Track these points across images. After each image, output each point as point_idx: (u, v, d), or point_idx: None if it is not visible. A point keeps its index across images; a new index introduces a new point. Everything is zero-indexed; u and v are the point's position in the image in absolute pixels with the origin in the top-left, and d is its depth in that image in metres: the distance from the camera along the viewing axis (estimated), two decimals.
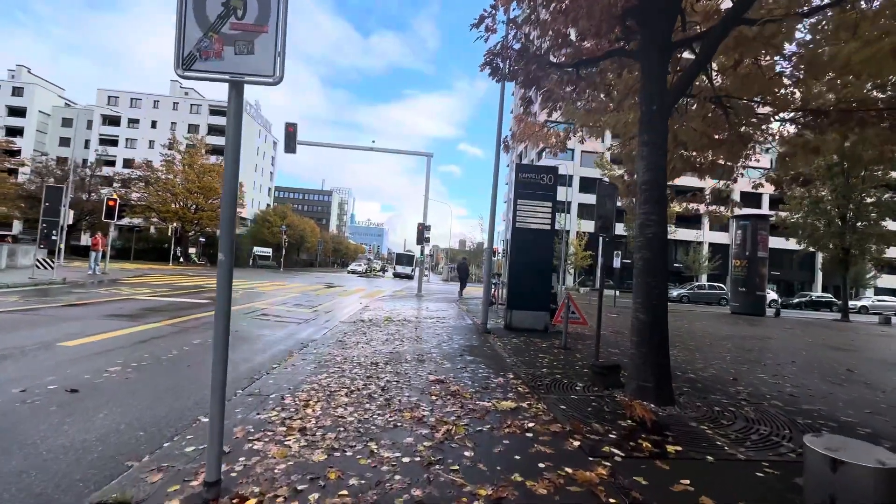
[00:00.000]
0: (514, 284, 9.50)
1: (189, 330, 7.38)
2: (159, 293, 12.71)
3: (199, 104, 59.68)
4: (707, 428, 3.81)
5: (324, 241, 61.91)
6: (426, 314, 11.61)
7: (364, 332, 7.94)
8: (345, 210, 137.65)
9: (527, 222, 9.54)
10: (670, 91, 4.85)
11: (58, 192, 14.14)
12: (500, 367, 5.73)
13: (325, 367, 5.27)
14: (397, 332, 8.23)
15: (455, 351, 6.72)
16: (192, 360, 5.47)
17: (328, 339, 7.12)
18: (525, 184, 9.58)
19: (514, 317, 9.48)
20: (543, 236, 9.56)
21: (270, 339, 7.26)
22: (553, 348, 7.44)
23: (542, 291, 9.53)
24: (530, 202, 9.56)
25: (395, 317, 10.53)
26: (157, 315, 8.62)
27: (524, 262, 9.48)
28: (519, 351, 7.00)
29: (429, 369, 5.43)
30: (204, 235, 44.52)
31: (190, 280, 18.98)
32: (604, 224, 6.09)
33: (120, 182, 43.83)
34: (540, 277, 9.51)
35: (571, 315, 9.44)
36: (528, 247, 9.50)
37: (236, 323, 8.41)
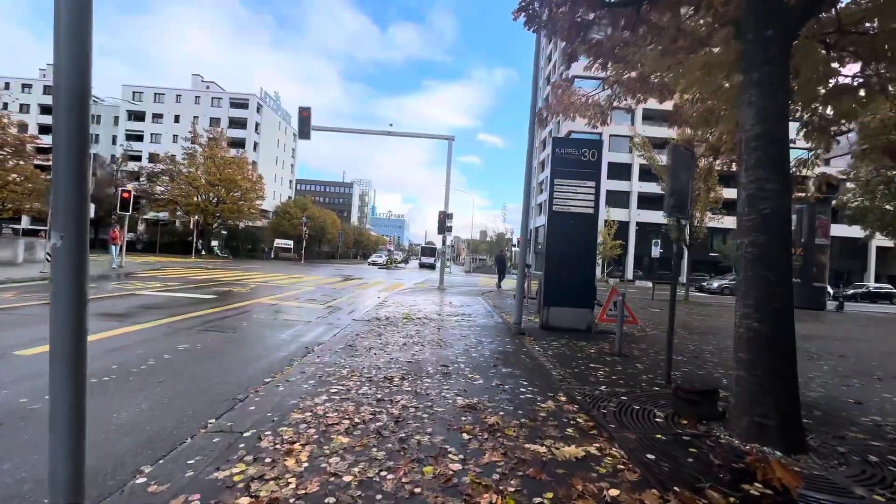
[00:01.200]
0: (552, 277, 8.22)
1: (180, 332, 6.46)
2: (167, 288, 12.01)
3: (220, 97, 59.89)
4: (883, 498, 2.51)
5: (344, 233, 61.57)
6: (449, 310, 10.46)
7: (379, 334, 6.85)
8: (366, 202, 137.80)
9: (566, 205, 8.22)
10: (792, 7, 3.46)
11: None
12: (545, 384, 4.53)
13: (325, 383, 4.19)
14: (417, 333, 7.11)
15: (487, 359, 5.54)
16: (168, 373, 4.48)
17: (336, 344, 6.06)
18: (563, 160, 8.24)
19: (552, 315, 8.22)
20: (585, 221, 8.22)
21: (271, 342, 6.26)
22: (604, 355, 6.16)
23: (585, 285, 8.21)
24: (570, 182, 8.22)
25: (415, 314, 9.42)
26: (153, 313, 7.77)
27: (563, 251, 8.19)
28: (564, 359, 5.76)
29: (456, 387, 4.28)
30: (226, 228, 44.68)
31: (206, 273, 18.44)
32: (678, 201, 4.74)
33: (146, 176, 44.42)
34: (581, 269, 8.20)
35: (618, 313, 8.13)
36: (568, 234, 8.19)
37: (235, 323, 7.48)
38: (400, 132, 18.89)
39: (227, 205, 41.92)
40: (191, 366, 4.80)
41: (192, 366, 4.81)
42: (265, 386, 4.16)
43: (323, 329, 7.52)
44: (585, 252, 8.24)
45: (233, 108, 59.52)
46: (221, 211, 41.82)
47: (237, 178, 42.40)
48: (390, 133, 18.26)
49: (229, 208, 42.02)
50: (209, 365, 4.90)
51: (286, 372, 4.65)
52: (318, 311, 9.71)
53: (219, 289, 12.53)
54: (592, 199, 8.23)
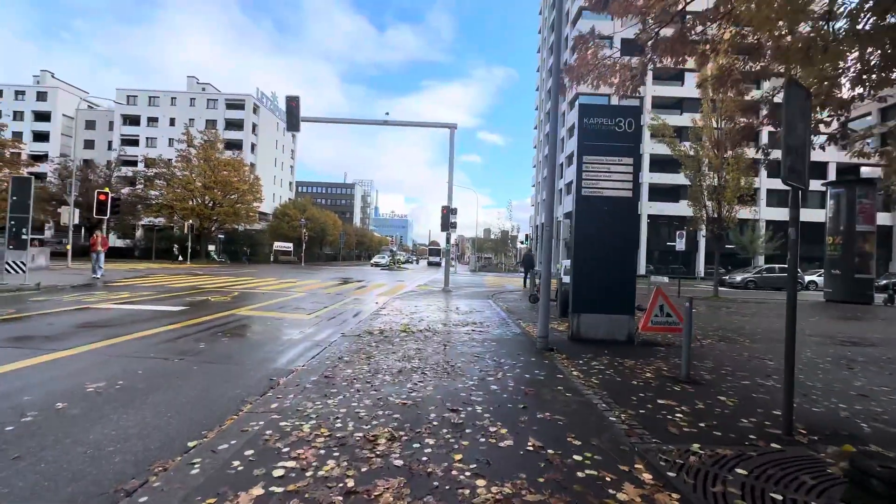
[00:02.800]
0: (582, 277, 6.68)
1: (109, 361, 4.98)
2: (136, 298, 10.57)
3: (216, 99, 58.66)
4: None
5: (346, 234, 60.18)
6: (457, 318, 8.94)
7: (369, 356, 5.34)
8: (368, 203, 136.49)
9: (598, 188, 6.67)
10: None
11: (26, 183, 12.23)
12: (607, 442, 3.00)
13: (271, 455, 2.69)
14: (417, 353, 5.59)
15: (511, 395, 4.01)
16: (41, 440, 2.99)
17: (310, 374, 4.55)
18: (593, 133, 6.69)
19: (584, 323, 6.67)
20: (623, 207, 6.67)
21: (223, 374, 4.76)
22: (666, 380, 4.61)
23: (623, 286, 6.66)
24: (602, 159, 6.67)
25: (416, 324, 7.91)
26: (91, 334, 6.30)
27: (596, 245, 6.65)
28: (616, 390, 4.22)
29: (474, 456, 2.75)
30: (224, 232, 43.38)
31: (191, 280, 17.03)
32: (796, 162, 3.19)
33: (143, 181, 43.17)
34: (619, 266, 6.65)
35: (667, 319, 6.62)
36: (601, 224, 6.64)
37: (189, 346, 5.99)
38: (397, 121, 17.38)
39: (223, 208, 40.62)
40: (82, 425, 3.30)
41: (85, 425, 3.31)
42: (176, 462, 2.66)
43: (300, 350, 6.02)
44: (623, 245, 6.69)
45: (229, 110, 58.25)
46: (218, 214, 40.52)
47: (233, 181, 41.10)
48: (387, 122, 16.75)
49: (225, 211, 40.72)
50: (114, 420, 3.41)
51: (221, 430, 3.15)
52: (302, 323, 8.22)
53: (195, 298, 11.08)
54: (630, 179, 6.68)
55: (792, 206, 3.27)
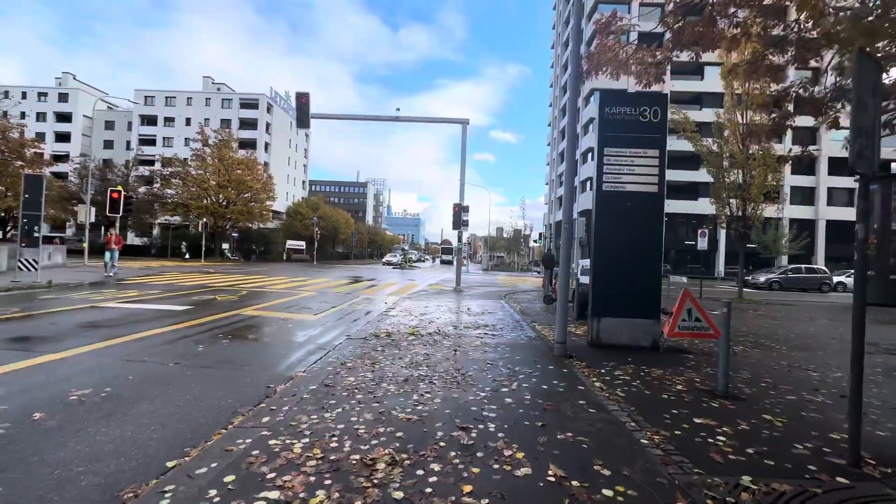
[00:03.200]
0: (603, 278, 6.22)
1: (102, 365, 4.74)
2: (143, 297, 10.45)
3: (230, 98, 59.22)
4: None
5: (358, 233, 60.22)
6: (468, 320, 8.55)
7: (373, 362, 4.99)
8: (380, 201, 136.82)
9: (619, 183, 6.21)
10: None
11: (38, 181, 12.24)
12: (641, 471, 2.58)
13: (255, 482, 2.35)
14: (425, 359, 5.23)
15: (528, 410, 3.61)
16: (4, 457, 2.71)
17: (309, 382, 4.23)
18: (615, 123, 6.23)
19: (604, 328, 6.22)
20: (647, 203, 6.20)
21: (215, 382, 4.47)
22: (702, 394, 4.15)
23: (648, 288, 6.19)
24: (624, 151, 6.21)
25: (425, 326, 7.55)
26: (90, 335, 6.10)
27: (617, 243, 6.19)
28: (646, 406, 3.79)
29: (488, 485, 2.37)
30: (237, 230, 43.72)
31: (202, 278, 16.99)
32: (865, 147, 2.72)
33: (160, 180, 43.80)
34: (643, 267, 6.18)
35: (696, 324, 6.10)
36: (623, 221, 6.18)
37: (186, 349, 5.73)
38: (408, 117, 17.04)
39: (236, 206, 40.92)
40: (56, 440, 3.02)
41: (59, 439, 3.03)
42: (150, 486, 2.35)
43: (302, 354, 5.71)
44: (648, 244, 6.21)
45: (243, 109, 58.75)
46: (231, 213, 40.84)
47: (246, 179, 41.36)
48: (398, 119, 16.43)
49: (239, 210, 41.01)
50: (91, 434, 3.12)
51: (204, 449, 2.83)
52: (308, 324, 7.93)
53: (202, 297, 10.92)
54: (656, 172, 6.20)
55: (860, 198, 2.80)
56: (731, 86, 15.31)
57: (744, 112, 15.38)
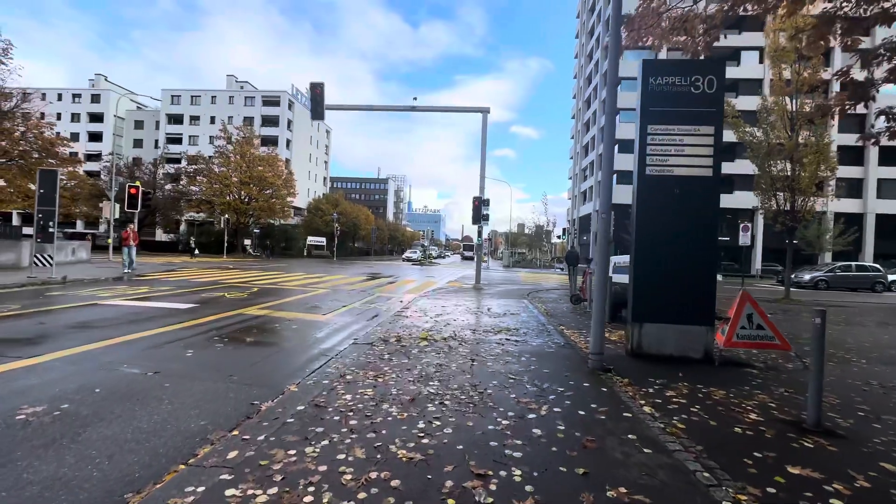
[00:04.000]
0: (645, 278, 5.35)
1: (84, 371, 4.20)
2: (152, 294, 10.12)
3: (253, 96, 59.84)
4: None
5: (378, 229, 60.06)
6: (488, 322, 7.78)
7: (377, 375, 4.30)
8: (401, 198, 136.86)
9: (666, 166, 5.30)
10: None
11: (52, 175, 12.11)
12: None
13: None
14: (438, 371, 4.50)
15: (563, 448, 2.83)
16: None
17: (298, 401, 3.56)
18: (661, 96, 5.32)
19: (647, 335, 5.34)
20: (700, 189, 5.27)
21: (192, 394, 3.85)
22: (784, 426, 3.28)
23: (700, 289, 5.27)
24: (672, 128, 5.29)
25: (440, 330, 6.82)
26: (76, 337, 5.64)
27: (664, 237, 5.30)
28: (718, 445, 2.94)
29: None
30: (259, 226, 44.08)
31: (218, 274, 16.78)
32: None
33: (185, 177, 44.65)
34: (694, 264, 5.27)
35: (758, 332, 5.22)
36: (671, 210, 5.28)
37: (176, 352, 5.17)
38: (425, 107, 16.30)
39: (258, 203, 41.24)
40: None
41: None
42: None
43: (301, 361, 5.07)
44: (700, 237, 5.29)
45: (265, 106, 59.29)
46: (253, 209, 41.18)
47: (268, 176, 41.61)
48: (415, 108, 15.70)
49: (261, 206, 41.32)
50: (18, 470, 2.52)
51: (148, 496, 2.18)
52: (314, 325, 7.33)
53: (212, 294, 10.52)
54: (710, 153, 5.26)
55: None
56: (778, 66, 13.90)
57: (794, 93, 13.95)
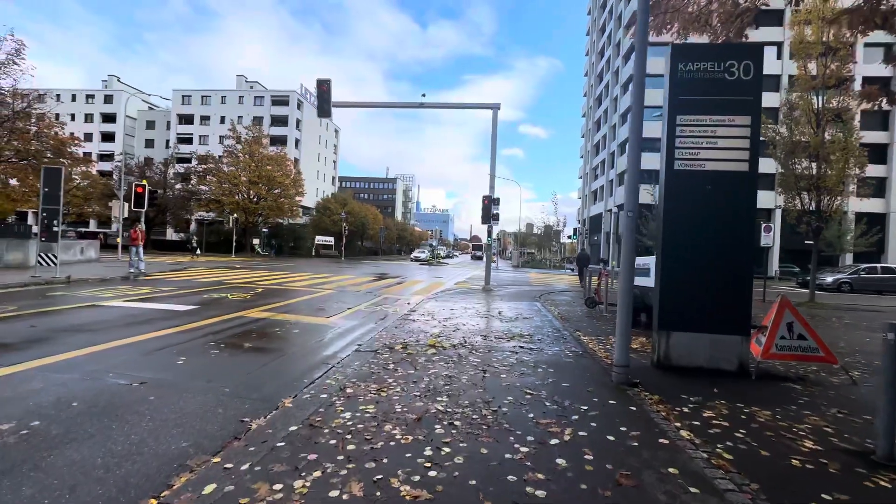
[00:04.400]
0: (673, 282, 4.90)
1: (49, 383, 3.89)
2: (153, 295, 9.89)
3: (262, 96, 60.02)
4: None
5: (386, 229, 59.85)
6: (499, 328, 7.37)
7: (381, 388, 3.92)
8: (409, 197, 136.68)
9: (697, 160, 4.85)
10: None
11: (56, 173, 11.96)
12: None
13: None
14: (446, 385, 4.11)
15: (594, 485, 2.41)
16: None
17: (290, 419, 3.20)
18: (692, 83, 4.87)
19: (675, 345, 4.89)
20: (734, 186, 4.81)
21: (176, 409, 3.51)
22: (848, 457, 2.82)
23: (735, 294, 4.81)
24: (703, 119, 4.84)
25: (449, 335, 6.43)
26: (64, 342, 5.36)
27: (694, 237, 4.85)
28: (777, 484, 2.51)
29: None
30: (268, 226, 44.11)
31: (223, 274, 16.59)
32: None
33: (195, 177, 44.90)
34: (728, 267, 4.81)
35: (800, 343, 4.77)
36: (702, 208, 4.83)
37: (166, 360, 4.84)
38: (434, 104, 15.92)
39: (266, 202, 41.25)
40: None
41: None
42: None
43: (298, 371, 4.72)
44: (735, 237, 4.83)
45: (274, 106, 59.44)
46: (262, 208, 41.21)
47: (276, 175, 41.59)
48: (423, 105, 15.33)
49: (269, 205, 41.33)
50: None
51: None
52: (316, 330, 6.98)
53: (213, 295, 10.25)
54: (746, 146, 4.79)
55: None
56: (803, 59, 13.27)
57: (820, 89, 13.31)
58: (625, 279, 4.33)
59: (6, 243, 14.87)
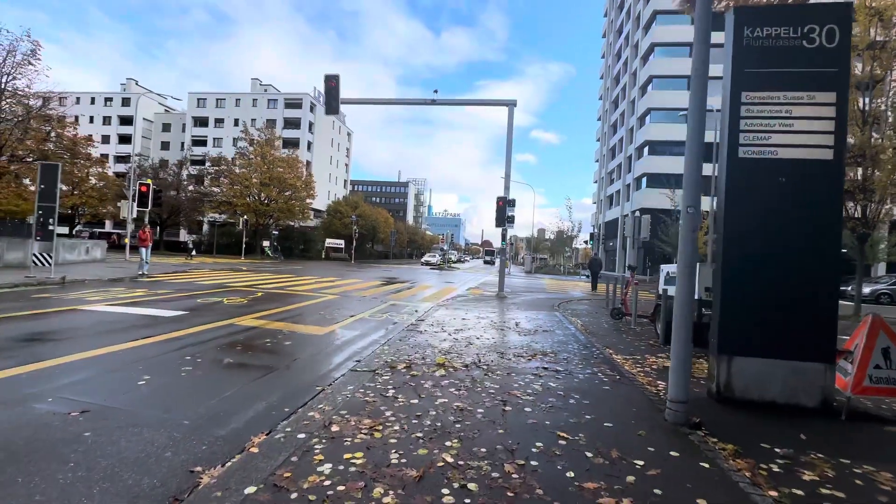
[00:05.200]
0: (738, 295, 3.99)
1: None
2: (145, 298, 9.27)
3: (276, 99, 60.20)
4: None
5: (397, 232, 59.26)
6: (518, 342, 6.51)
7: (374, 426, 3.11)
8: (421, 201, 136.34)
9: (767, 146, 3.95)
10: None
11: (53, 170, 11.50)
12: None
13: None
14: (458, 420, 3.27)
15: None
16: None
17: (250, 478, 2.40)
18: (761, 53, 3.99)
19: (740, 373, 3.97)
20: (816, 178, 3.91)
21: (113, 454, 2.74)
22: None
23: (816, 313, 3.88)
24: (776, 96, 3.95)
25: (461, 352, 5.60)
26: (16, 355, 4.67)
27: (763, 240, 3.95)
28: None
29: None
30: (278, 228, 43.85)
31: (227, 277, 16.02)
32: None
33: (208, 178, 45.02)
34: (808, 279, 3.89)
35: None
36: (775, 204, 3.94)
37: (126, 382, 4.10)
38: (446, 100, 15.19)
39: (277, 204, 41.00)
40: None
41: None
42: None
43: (278, 397, 3.93)
44: (816, 242, 3.91)
45: (287, 109, 59.55)
46: (273, 211, 40.97)
47: (287, 177, 41.36)
48: (435, 102, 14.61)
49: (280, 207, 41.08)
50: None
51: None
52: (310, 342, 6.21)
53: (210, 299, 9.59)
54: (831, 129, 3.89)
55: None
56: None
57: (868, 83, 12.19)
58: (684, 290, 3.44)
59: (7, 242, 14.53)
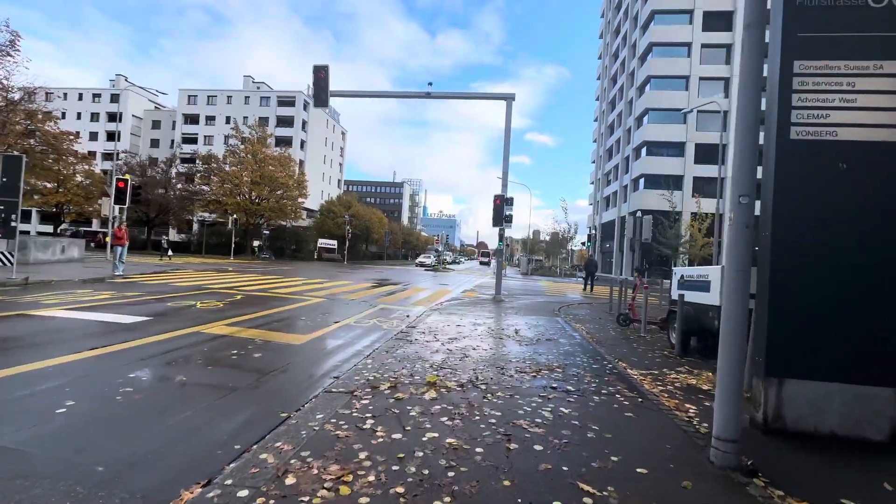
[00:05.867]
0: (789, 305, 3.31)
1: None
2: (108, 302, 8.47)
3: (269, 96, 59.19)
4: None
5: (392, 233, 58.43)
6: (519, 354, 5.80)
7: (346, 470, 2.36)
8: (416, 202, 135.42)
9: (825, 126, 3.28)
10: None
11: (17, 162, 10.64)
12: None
13: None
14: (449, 464, 2.54)
15: None
16: None
17: None
18: (816, 16, 3.32)
19: (792, 398, 3.29)
20: (887, 164, 3.24)
21: None
22: None
23: (884, 328, 3.21)
24: (837, 65, 3.28)
25: (455, 367, 4.88)
26: None
27: (821, 239, 3.27)
28: None
29: None
30: (270, 228, 42.89)
31: (205, 278, 15.18)
32: None
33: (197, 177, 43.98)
34: (876, 287, 3.22)
35: None
36: (834, 195, 3.25)
37: (39, 415, 3.34)
38: (441, 93, 14.46)
39: (268, 203, 40.08)
40: None
41: None
42: None
43: (231, 429, 3.18)
44: (886, 241, 3.24)
45: (280, 107, 58.56)
46: (264, 210, 40.03)
47: (279, 176, 40.46)
48: (430, 95, 13.89)
49: (271, 207, 40.16)
50: None
51: None
52: (285, 354, 5.46)
53: (181, 303, 8.79)
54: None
55: None
56: None
57: None
58: (737, 303, 2.73)
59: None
